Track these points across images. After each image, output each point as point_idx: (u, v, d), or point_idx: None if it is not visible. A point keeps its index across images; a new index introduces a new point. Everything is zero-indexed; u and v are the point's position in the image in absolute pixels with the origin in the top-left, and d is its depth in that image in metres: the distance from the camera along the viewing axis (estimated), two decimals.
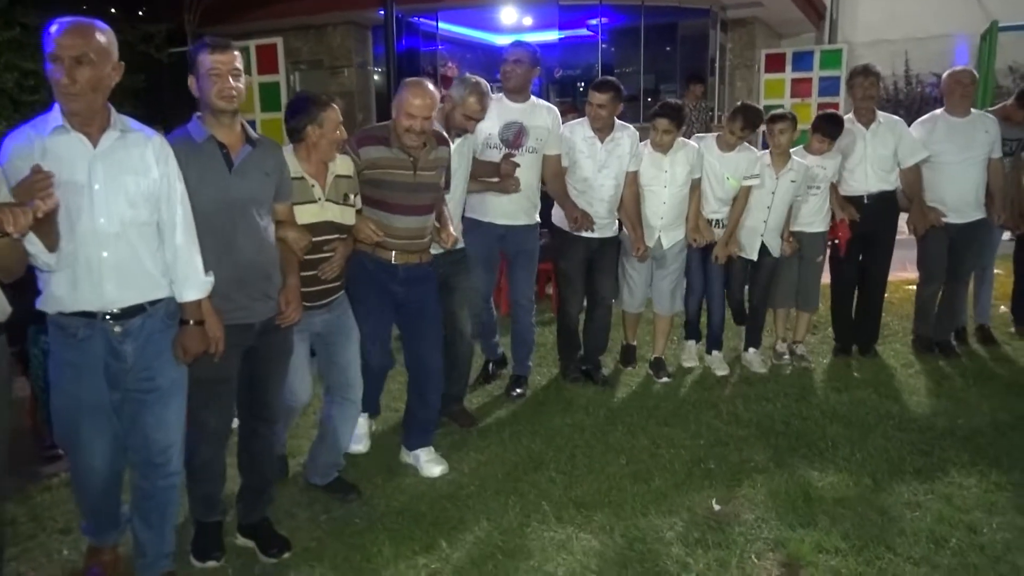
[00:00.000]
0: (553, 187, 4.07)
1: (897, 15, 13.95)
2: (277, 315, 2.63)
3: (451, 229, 3.31)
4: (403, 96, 2.95)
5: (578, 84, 11.88)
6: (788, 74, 11.29)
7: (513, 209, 3.94)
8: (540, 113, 3.95)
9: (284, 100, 7.72)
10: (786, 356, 4.70)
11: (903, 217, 4.70)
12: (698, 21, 10.91)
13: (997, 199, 4.64)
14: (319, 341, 3.03)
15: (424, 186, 3.11)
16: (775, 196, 4.33)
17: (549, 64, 12.05)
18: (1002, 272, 6.65)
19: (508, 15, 11.35)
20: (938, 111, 4.70)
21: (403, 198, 3.08)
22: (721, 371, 4.51)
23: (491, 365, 4.50)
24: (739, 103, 4.38)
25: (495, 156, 3.85)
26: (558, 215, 4.21)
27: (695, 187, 4.32)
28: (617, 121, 4.07)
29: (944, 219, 4.53)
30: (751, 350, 4.66)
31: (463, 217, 3.82)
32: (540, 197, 4.16)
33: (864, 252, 4.64)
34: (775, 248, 4.44)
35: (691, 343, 4.77)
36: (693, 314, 4.70)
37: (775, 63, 11.00)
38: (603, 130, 4.02)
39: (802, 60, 11.30)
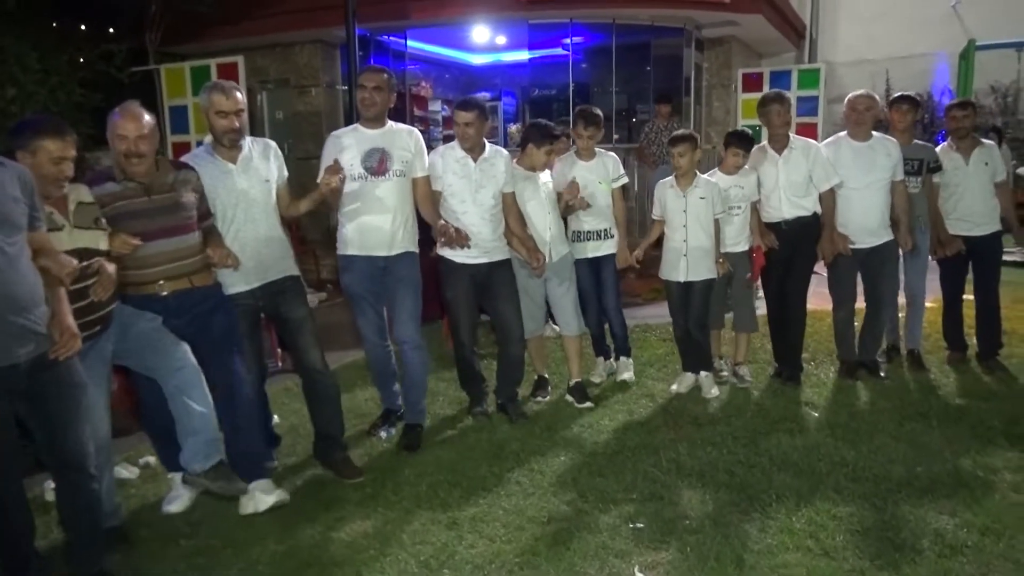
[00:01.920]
0: (425, 210, 3.84)
1: (877, 35, 13.85)
2: (50, 350, 2.43)
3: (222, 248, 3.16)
4: (113, 121, 2.94)
5: (553, 104, 11.64)
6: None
7: (392, 238, 3.70)
8: (400, 136, 3.76)
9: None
10: (724, 373, 4.62)
11: None
12: (672, 40, 10.68)
13: (903, 223, 4.50)
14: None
15: (165, 208, 3.04)
16: (687, 215, 4.27)
17: (520, 84, 11.84)
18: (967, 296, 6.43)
19: (480, 34, 11.13)
20: (842, 133, 4.58)
21: (146, 224, 2.99)
22: (626, 374, 4.56)
23: (389, 414, 4.13)
24: (582, 107, 4.49)
25: (358, 188, 3.65)
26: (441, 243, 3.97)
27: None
28: (487, 142, 3.99)
29: (852, 245, 4.43)
30: (702, 373, 4.48)
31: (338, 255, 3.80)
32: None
33: (783, 279, 4.52)
34: (702, 270, 4.31)
35: (599, 360, 4.78)
36: (596, 329, 4.66)
37: (752, 83, 10.79)
38: (474, 150, 3.90)
39: (780, 80, 11.05)
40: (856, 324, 4.74)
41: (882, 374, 4.61)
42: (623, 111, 11.07)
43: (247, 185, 3.34)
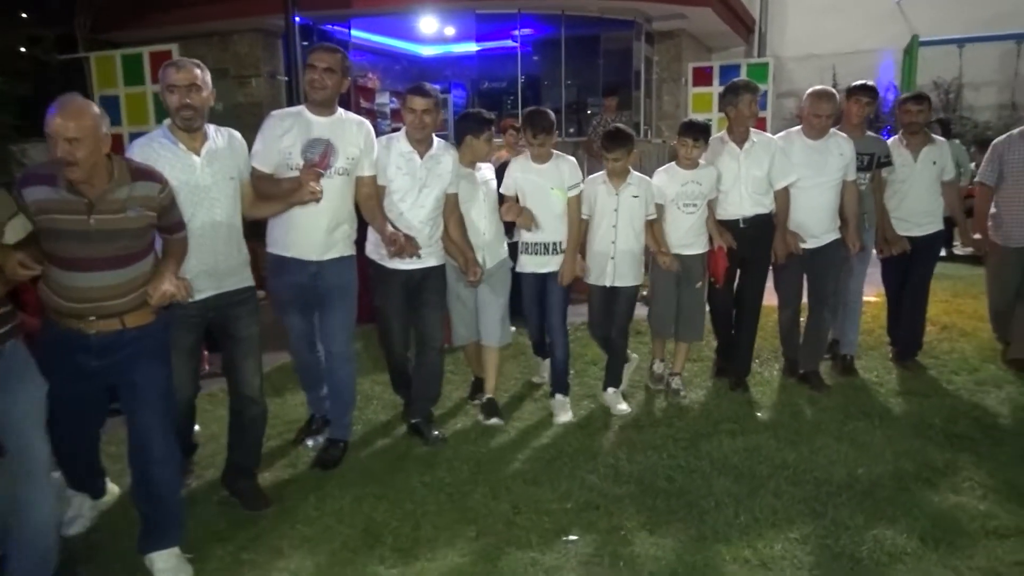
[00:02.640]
0: (367, 210, 3.50)
1: (825, 30, 13.94)
2: None
3: (164, 285, 2.58)
4: (47, 117, 2.36)
5: (504, 97, 11.46)
6: (716, 88, 11.08)
7: (325, 240, 3.38)
8: (349, 129, 3.38)
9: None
10: (681, 391, 4.36)
11: None
12: (622, 33, 10.59)
13: (851, 224, 4.37)
14: None
15: (107, 234, 2.46)
16: (618, 214, 3.98)
17: (471, 76, 11.63)
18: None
19: (428, 24, 10.89)
20: (795, 129, 4.42)
21: (77, 249, 2.44)
22: (563, 417, 4.04)
23: (316, 420, 3.87)
24: (531, 109, 4.01)
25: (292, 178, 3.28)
26: (372, 245, 3.71)
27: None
28: (436, 137, 3.68)
29: (801, 244, 4.30)
30: (609, 390, 4.23)
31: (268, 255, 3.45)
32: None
33: (740, 279, 4.36)
34: (629, 276, 4.08)
35: (541, 361, 4.56)
36: (536, 334, 4.42)
37: (702, 77, 10.80)
38: (423, 142, 3.59)
39: (729, 74, 11.07)
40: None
41: (828, 385, 4.45)
42: (573, 104, 10.94)
43: (211, 181, 2.93)
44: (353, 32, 10.45)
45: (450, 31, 11.29)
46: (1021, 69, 9.68)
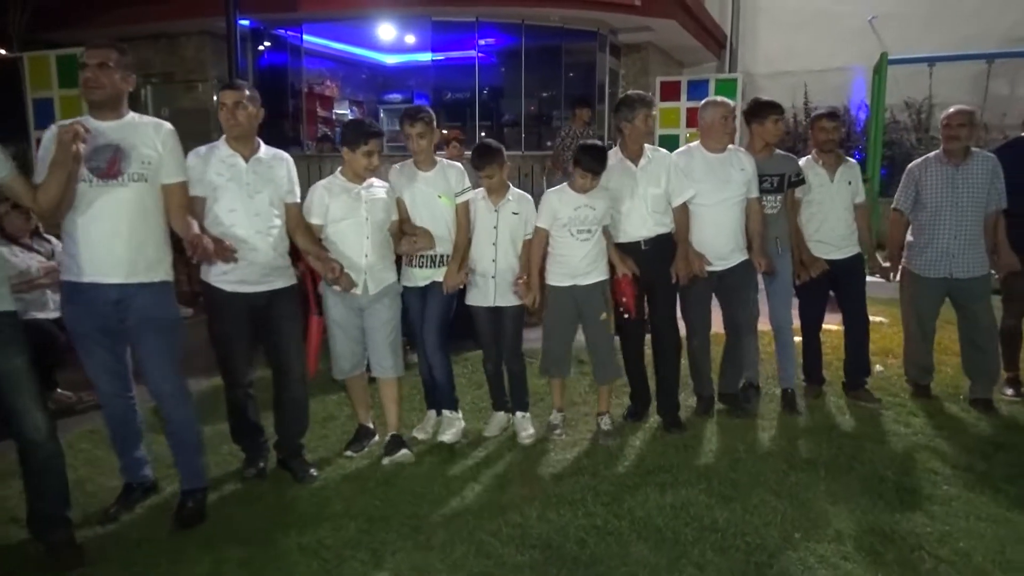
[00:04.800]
0: (178, 223, 3.04)
1: (797, 47, 13.76)
2: None
3: None
4: None
5: (467, 109, 11.08)
6: (683, 103, 10.83)
7: (130, 263, 2.92)
8: (144, 131, 2.96)
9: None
10: (558, 430, 3.99)
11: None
12: (585, 44, 10.27)
13: (756, 244, 4.07)
14: None
15: None
16: (498, 231, 3.79)
17: (434, 86, 11.22)
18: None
19: (385, 31, 10.50)
20: (694, 143, 4.13)
21: None
22: (449, 437, 3.85)
23: (134, 490, 3.28)
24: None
25: (82, 194, 2.86)
26: (207, 265, 3.24)
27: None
28: (263, 144, 3.36)
29: (707, 267, 3.99)
30: (517, 414, 3.99)
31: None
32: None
33: (649, 307, 4.01)
34: (512, 295, 3.83)
35: (429, 413, 4.13)
36: (425, 374, 4.02)
37: (670, 91, 10.55)
38: (246, 145, 3.26)
39: (698, 89, 10.81)
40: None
41: (746, 406, 4.19)
42: (534, 117, 10.58)
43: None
44: (306, 37, 10.05)
45: (410, 39, 10.91)
46: (992, 89, 9.45)
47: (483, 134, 10.59)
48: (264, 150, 3.34)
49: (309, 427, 3.70)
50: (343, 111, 11.84)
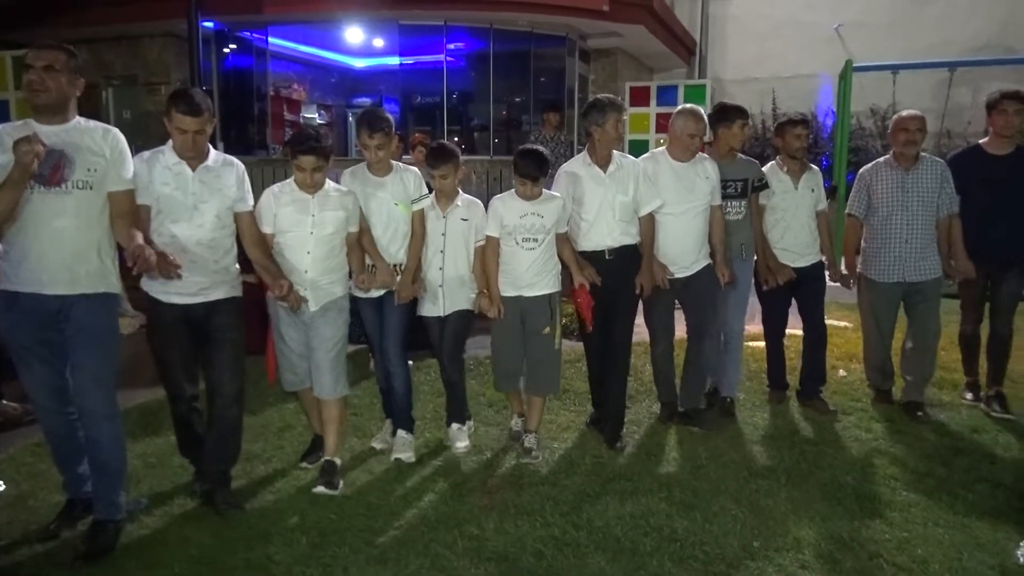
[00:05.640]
0: (121, 233, 2.88)
1: (766, 54, 13.88)
2: None
3: None
4: None
5: (435, 112, 11.00)
6: (653, 108, 10.86)
7: (71, 273, 2.78)
8: (91, 136, 2.83)
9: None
10: (534, 451, 3.77)
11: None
12: (554, 49, 10.25)
13: (719, 255, 4.06)
14: None
15: None
16: (446, 239, 3.68)
17: (404, 90, 11.14)
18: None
19: (353, 35, 10.40)
20: (659, 150, 4.09)
21: None
22: (404, 455, 3.69)
23: (76, 506, 3.11)
24: (363, 111, 3.75)
25: (23, 201, 2.72)
26: (147, 275, 3.08)
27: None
28: (213, 150, 3.21)
29: (669, 276, 3.94)
30: (453, 425, 3.86)
31: None
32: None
33: (606, 316, 3.87)
34: (460, 300, 3.73)
35: (387, 422, 3.96)
36: (383, 382, 3.87)
37: (640, 97, 10.58)
38: (197, 159, 3.10)
39: (667, 94, 10.86)
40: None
41: (698, 429, 4.07)
42: (503, 121, 10.54)
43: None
44: (271, 40, 9.91)
45: (379, 43, 10.82)
46: (953, 97, 9.59)
47: (455, 139, 10.55)
48: (213, 157, 3.17)
49: (241, 453, 3.44)
50: (311, 115, 11.71)
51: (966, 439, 4.04)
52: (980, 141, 4.42)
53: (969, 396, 4.57)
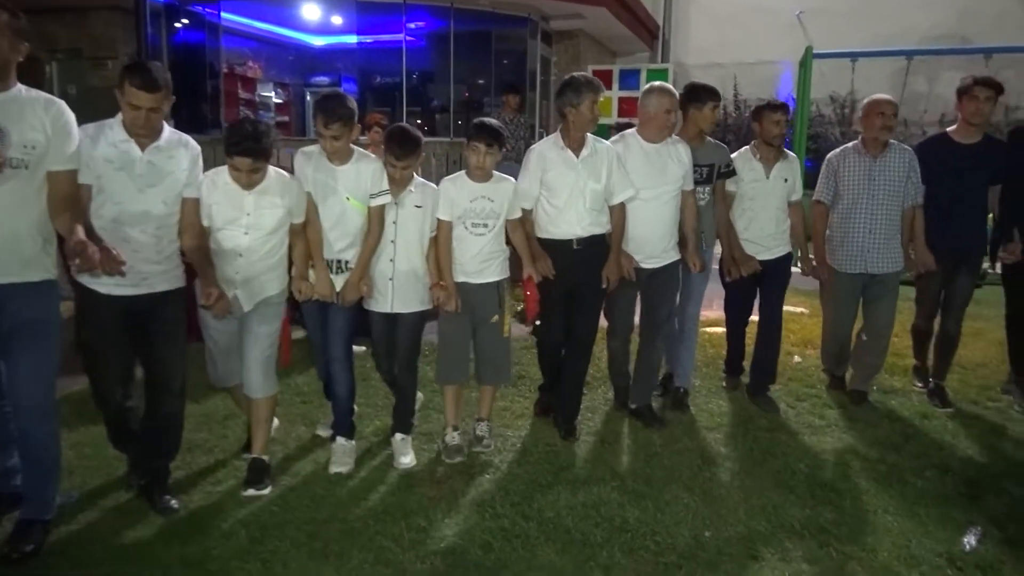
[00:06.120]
0: (60, 218, 2.60)
1: (728, 40, 13.90)
2: None
3: None
4: None
5: (396, 93, 10.79)
6: (615, 92, 10.83)
7: (3, 258, 2.53)
8: (31, 110, 2.54)
9: None
10: (485, 439, 3.68)
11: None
12: (516, 30, 10.10)
13: (691, 240, 3.92)
14: None
15: None
16: (397, 227, 3.37)
17: (364, 70, 10.89)
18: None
19: (310, 11, 10.13)
20: (629, 131, 3.90)
21: None
22: (342, 467, 3.40)
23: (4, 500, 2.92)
24: (320, 96, 3.36)
25: None
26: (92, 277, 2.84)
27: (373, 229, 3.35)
28: (168, 127, 2.92)
29: (635, 265, 3.78)
30: (397, 435, 3.56)
31: None
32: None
33: (569, 309, 3.73)
34: (413, 300, 3.45)
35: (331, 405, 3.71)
36: (323, 373, 3.61)
37: (602, 80, 10.40)
38: (148, 138, 2.80)
39: (629, 78, 10.83)
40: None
41: (662, 420, 3.99)
42: (464, 103, 10.38)
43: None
44: (224, 15, 9.58)
45: (337, 20, 10.54)
46: (910, 86, 9.69)
47: (418, 121, 10.35)
48: (166, 136, 2.87)
49: (180, 449, 3.26)
50: (268, 93, 11.41)
51: (916, 425, 4.07)
52: (948, 129, 4.30)
53: (919, 384, 4.57)
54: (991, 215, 4.39)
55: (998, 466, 3.60)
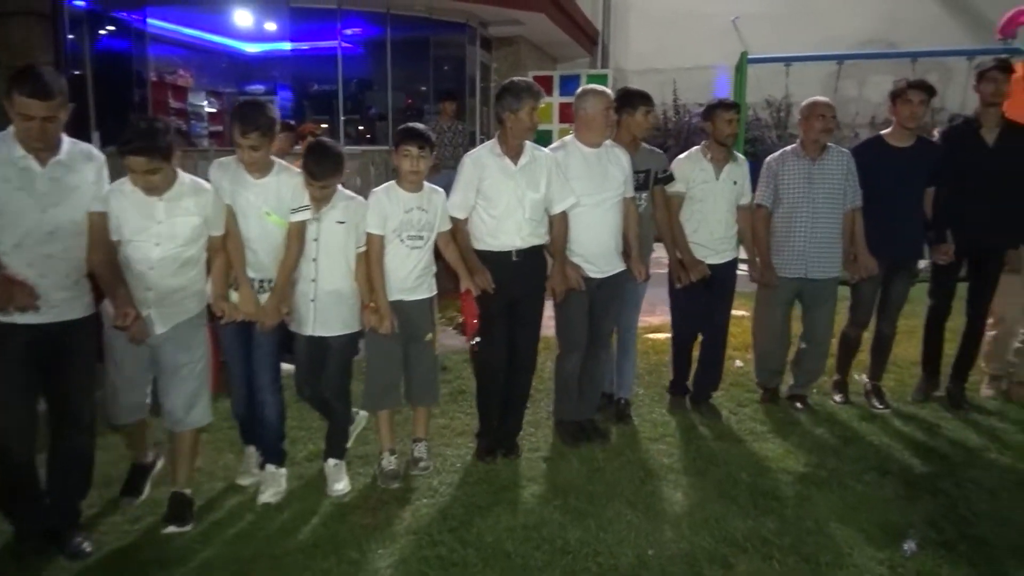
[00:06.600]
0: None
1: (667, 45, 14.03)
2: None
3: None
4: None
5: (332, 101, 10.56)
6: (556, 98, 10.83)
7: None
8: None
9: None
10: (423, 461, 3.54)
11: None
12: (454, 36, 10.00)
13: (635, 248, 3.83)
14: None
15: None
16: (319, 245, 3.17)
17: (299, 78, 10.62)
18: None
19: (241, 18, 9.84)
20: (568, 137, 3.78)
21: None
22: (272, 497, 3.22)
23: None
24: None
25: None
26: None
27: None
28: (67, 138, 2.71)
29: (583, 276, 3.66)
30: (330, 461, 3.39)
31: None
32: None
33: (511, 323, 3.59)
34: (336, 323, 3.26)
35: (249, 450, 3.46)
36: (240, 408, 3.34)
37: (542, 86, 10.35)
38: (47, 151, 2.60)
39: (569, 84, 10.84)
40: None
41: (607, 439, 3.87)
42: (403, 110, 10.21)
43: None
44: (150, 21, 9.22)
45: (271, 27, 10.27)
46: (840, 89, 9.92)
47: (359, 128, 10.15)
48: (67, 149, 2.66)
49: (94, 484, 3.03)
50: (200, 102, 11.05)
51: (855, 428, 4.09)
52: (882, 132, 4.30)
53: (838, 398, 4.47)
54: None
55: (934, 466, 3.63)
